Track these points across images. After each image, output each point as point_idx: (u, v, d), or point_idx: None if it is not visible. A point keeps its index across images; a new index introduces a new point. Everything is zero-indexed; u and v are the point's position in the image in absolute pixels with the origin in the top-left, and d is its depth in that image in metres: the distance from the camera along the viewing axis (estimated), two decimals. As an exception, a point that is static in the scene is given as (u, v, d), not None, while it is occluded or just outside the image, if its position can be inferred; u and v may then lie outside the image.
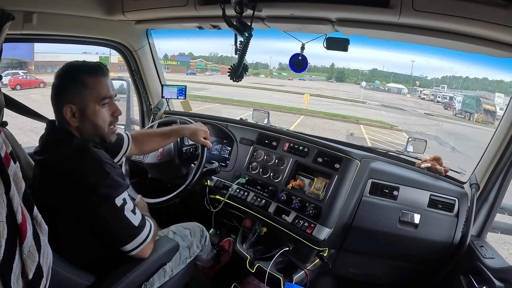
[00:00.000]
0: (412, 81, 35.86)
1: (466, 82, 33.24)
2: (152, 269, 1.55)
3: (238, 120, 2.73)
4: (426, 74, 37.80)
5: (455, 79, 34.97)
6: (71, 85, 1.40)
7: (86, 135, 1.47)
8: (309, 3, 1.63)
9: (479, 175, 1.97)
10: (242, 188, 2.31)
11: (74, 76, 1.42)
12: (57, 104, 1.42)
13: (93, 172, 1.34)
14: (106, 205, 1.33)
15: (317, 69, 46.71)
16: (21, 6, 1.88)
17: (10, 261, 0.85)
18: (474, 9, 1.33)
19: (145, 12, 2.16)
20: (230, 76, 1.81)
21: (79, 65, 1.46)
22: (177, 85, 2.94)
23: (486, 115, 21.66)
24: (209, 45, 52.10)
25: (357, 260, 2.14)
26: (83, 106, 1.42)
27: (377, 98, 30.10)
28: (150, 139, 2.09)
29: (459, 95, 26.55)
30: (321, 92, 30.39)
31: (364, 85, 34.72)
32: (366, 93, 32.81)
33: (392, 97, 32.73)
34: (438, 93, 30.27)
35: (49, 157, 1.40)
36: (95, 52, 23.63)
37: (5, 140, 0.94)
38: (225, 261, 2.37)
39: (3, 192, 0.85)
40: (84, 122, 1.45)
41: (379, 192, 2.01)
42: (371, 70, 42.81)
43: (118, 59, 22.38)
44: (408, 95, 34.72)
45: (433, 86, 34.11)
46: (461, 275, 1.86)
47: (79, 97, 1.41)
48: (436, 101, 29.26)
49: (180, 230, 1.94)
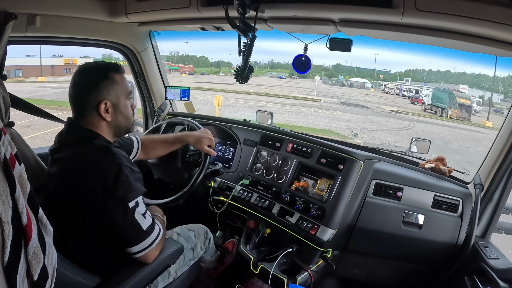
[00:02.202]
0: (376, 75, 35.21)
1: (429, 75, 33.04)
2: (156, 271, 1.56)
3: (242, 121, 2.73)
4: (390, 68, 37.56)
5: (418, 72, 34.73)
6: (104, 81, 1.47)
7: (117, 128, 1.56)
8: (312, 3, 1.63)
9: (483, 175, 1.96)
10: (245, 189, 2.31)
11: (104, 73, 1.48)
12: (88, 102, 1.46)
13: (112, 174, 1.36)
14: (119, 207, 1.36)
15: (281, 66, 46.59)
16: (25, 9, 1.89)
17: (15, 263, 0.85)
18: (477, 9, 1.33)
19: (148, 14, 2.16)
20: (236, 78, 1.82)
21: (104, 64, 1.53)
22: (180, 86, 2.95)
23: (461, 110, 20.22)
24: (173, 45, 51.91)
25: (361, 261, 2.14)
26: (117, 101, 1.51)
27: (338, 94, 28.75)
28: (155, 145, 2.12)
29: (425, 88, 25.88)
30: (267, 90, 26.97)
31: (318, 79, 32.56)
32: (327, 89, 31.62)
33: (355, 92, 31.83)
34: (403, 86, 29.52)
35: (69, 154, 1.43)
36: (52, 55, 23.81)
37: (10, 141, 0.94)
38: (228, 262, 2.36)
39: (9, 194, 0.86)
40: (117, 116, 1.53)
41: (383, 193, 2.01)
42: (334, 65, 42.50)
43: (63, 61, 21.50)
44: (372, 89, 33.94)
45: (397, 79, 33.60)
46: (465, 276, 1.85)
47: (113, 92, 1.49)
48: (402, 95, 28.39)
49: (184, 231, 1.95)
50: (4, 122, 1.74)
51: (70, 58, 23.54)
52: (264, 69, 39.71)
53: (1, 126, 0.91)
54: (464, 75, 28.06)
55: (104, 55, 16.24)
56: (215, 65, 38.43)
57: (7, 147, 0.90)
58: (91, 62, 1.53)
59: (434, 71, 32.89)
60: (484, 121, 19.35)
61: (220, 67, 38.51)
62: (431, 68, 33.25)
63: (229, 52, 37.52)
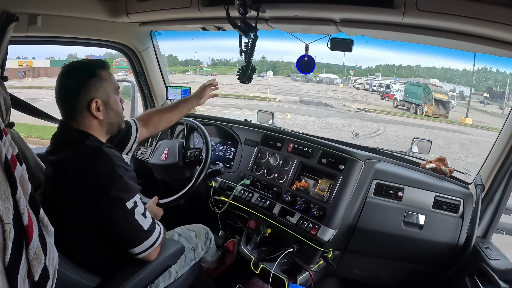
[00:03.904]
0: (346, 71, 34.80)
1: (400, 69, 32.82)
2: (157, 271, 1.56)
3: (243, 121, 2.73)
4: (361, 63, 37.20)
5: (389, 67, 34.39)
6: (92, 79, 1.43)
7: (110, 125, 1.53)
8: (313, 3, 1.63)
9: (484, 176, 1.96)
10: (246, 189, 2.31)
11: (91, 71, 1.45)
12: (78, 102, 1.43)
13: (106, 175, 1.36)
14: (117, 208, 1.35)
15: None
16: (26, 8, 1.89)
17: (16, 263, 0.85)
18: (478, 9, 1.33)
19: (149, 14, 2.17)
20: (240, 79, 1.81)
21: (89, 62, 1.50)
22: (181, 86, 2.95)
23: (438, 107, 18.61)
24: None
25: (361, 261, 2.14)
26: (107, 98, 1.48)
27: (302, 90, 27.18)
28: (159, 117, 2.07)
29: (396, 83, 25.13)
30: (226, 90, 23.79)
31: (271, 75, 29.64)
32: (292, 86, 30.31)
33: (322, 88, 30.81)
34: (373, 81, 28.87)
35: (62, 157, 1.42)
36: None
37: (12, 142, 0.94)
38: (229, 262, 2.36)
39: (10, 195, 0.86)
40: (108, 113, 1.50)
41: (384, 193, 2.01)
42: None
43: (17, 63, 20.42)
44: (341, 84, 33.48)
45: (368, 75, 33.31)
46: (466, 277, 1.85)
47: (102, 90, 1.46)
48: (372, 90, 27.74)
49: (185, 232, 1.95)
50: (4, 123, 1.74)
51: (26, 60, 22.14)
52: (232, 67, 39.57)
53: (2, 127, 0.91)
54: (434, 69, 27.86)
55: (70, 55, 15.60)
56: (183, 63, 38.05)
57: (8, 147, 0.90)
58: (75, 62, 1.51)
59: (404, 66, 32.67)
60: (463, 118, 18.29)
61: (189, 65, 38.10)
62: (402, 63, 33.12)
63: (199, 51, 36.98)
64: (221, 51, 39.30)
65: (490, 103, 22.10)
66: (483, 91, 22.70)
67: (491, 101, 22.22)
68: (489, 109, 20.73)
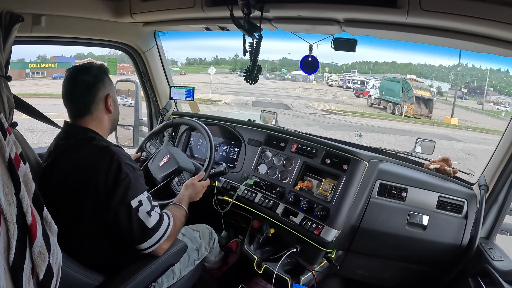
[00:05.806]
0: (322, 68, 34.77)
1: (376, 66, 32.83)
2: (160, 269, 1.56)
3: (246, 121, 2.73)
4: (337, 60, 37.12)
5: (365, 64, 34.55)
6: (106, 77, 1.56)
7: (114, 122, 1.66)
8: (317, 3, 1.63)
9: (488, 176, 1.95)
10: (250, 189, 2.31)
11: (102, 70, 1.57)
12: (97, 96, 1.53)
13: (112, 174, 1.38)
14: (121, 206, 1.37)
15: (225, 62, 46.98)
16: (30, 9, 1.90)
17: (21, 262, 0.85)
18: (482, 8, 1.32)
19: (152, 14, 2.17)
20: (246, 79, 1.81)
21: (93, 63, 1.60)
22: (185, 86, 2.95)
23: (420, 106, 16.58)
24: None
25: (364, 262, 2.13)
26: (114, 95, 1.60)
27: (266, 90, 25.93)
28: None
29: (372, 79, 24.46)
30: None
31: (213, 72, 26.36)
32: (257, 84, 29.12)
33: (292, 86, 30.29)
34: (348, 78, 28.60)
35: (69, 156, 1.45)
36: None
37: (15, 141, 0.95)
38: (232, 262, 2.36)
39: (13, 193, 0.86)
40: (115, 109, 1.62)
41: (387, 194, 2.00)
42: (280, 60, 42.51)
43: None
44: (314, 82, 33.40)
45: (343, 71, 33.40)
46: (469, 278, 1.84)
47: (112, 87, 1.59)
48: (346, 87, 27.45)
49: (189, 232, 1.95)
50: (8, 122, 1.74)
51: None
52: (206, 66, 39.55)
53: (6, 126, 0.91)
54: (410, 65, 27.79)
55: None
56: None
57: (12, 146, 0.91)
58: (82, 64, 1.58)
59: (381, 62, 32.62)
60: (447, 118, 16.63)
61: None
62: (378, 59, 33.00)
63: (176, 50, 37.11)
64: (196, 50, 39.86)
65: (468, 98, 21.96)
66: (460, 86, 22.58)
67: (468, 96, 22.12)
68: (469, 105, 20.45)
